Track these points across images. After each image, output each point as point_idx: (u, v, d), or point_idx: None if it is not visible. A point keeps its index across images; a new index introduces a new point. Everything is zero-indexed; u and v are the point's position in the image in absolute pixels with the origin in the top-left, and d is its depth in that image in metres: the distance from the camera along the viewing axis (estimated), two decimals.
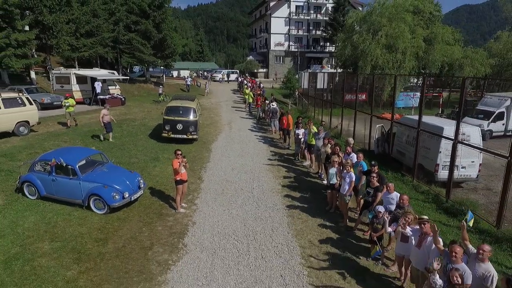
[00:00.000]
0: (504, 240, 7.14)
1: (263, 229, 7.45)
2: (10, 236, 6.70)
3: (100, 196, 7.42)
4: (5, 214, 7.48)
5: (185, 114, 13.19)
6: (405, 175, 11.15)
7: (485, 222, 7.90)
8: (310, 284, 5.72)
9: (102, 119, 12.69)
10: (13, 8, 18.59)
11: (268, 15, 51.12)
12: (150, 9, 27.05)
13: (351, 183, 7.21)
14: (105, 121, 12.73)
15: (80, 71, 20.64)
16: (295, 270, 6.07)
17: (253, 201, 8.77)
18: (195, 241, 6.89)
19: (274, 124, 15.82)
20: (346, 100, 16.94)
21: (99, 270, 5.90)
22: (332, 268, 6.14)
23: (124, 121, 17.26)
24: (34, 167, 8.08)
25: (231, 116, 21.11)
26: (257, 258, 6.42)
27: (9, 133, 12.24)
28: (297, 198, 9.00)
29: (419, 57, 26.39)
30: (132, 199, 7.91)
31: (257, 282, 5.73)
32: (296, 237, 7.12)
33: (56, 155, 7.83)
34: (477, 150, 9.77)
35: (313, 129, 10.70)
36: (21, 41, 19.32)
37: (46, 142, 12.02)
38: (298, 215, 8.09)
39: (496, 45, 29.32)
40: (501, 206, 7.48)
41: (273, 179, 10.33)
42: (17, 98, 12.35)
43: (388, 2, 25.66)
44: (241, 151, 13.16)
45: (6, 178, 8.91)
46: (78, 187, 7.64)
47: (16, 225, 7.11)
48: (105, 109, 12.92)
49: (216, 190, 9.40)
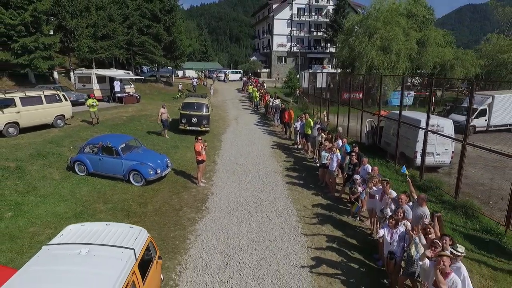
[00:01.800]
0: (459, 207, 9.02)
1: (267, 198, 9.39)
2: (73, 200, 8.68)
3: (138, 171, 9.40)
4: (64, 186, 9.47)
5: (199, 109, 15.16)
6: (389, 161, 13.01)
7: (447, 195, 9.79)
8: (302, 233, 7.63)
9: (160, 116, 14.46)
10: (41, 15, 20.62)
11: (270, 17, 53.00)
12: (161, 13, 29.09)
13: (337, 161, 9.13)
14: (163, 118, 14.49)
15: (100, 71, 22.65)
16: (292, 225, 8.00)
17: (259, 179, 10.72)
18: (214, 205, 8.84)
19: (276, 118, 17.74)
20: (343, 99, 18.80)
21: (144, 222, 7.86)
22: (320, 223, 8.07)
23: (141, 116, 19.22)
24: (84, 150, 10.07)
25: (237, 113, 23.05)
26: (263, 217, 8.36)
27: (49, 125, 14.24)
28: (295, 177, 10.96)
29: (413, 58, 28.09)
30: (163, 175, 9.89)
31: (263, 232, 7.67)
32: (293, 203, 9.06)
33: (103, 139, 9.82)
34: (448, 138, 11.61)
35: (310, 121, 12.62)
36: (47, 44, 21.34)
37: (81, 133, 14.02)
38: (295, 188, 10.04)
39: (486, 47, 31.09)
40: (458, 180, 9.35)
41: (275, 162, 12.29)
42: (56, 95, 14.36)
43: (383, 7, 27.34)
44: (248, 141, 15.12)
45: (58, 160, 10.90)
46: (120, 165, 9.62)
47: (74, 193, 9.10)
48: (163, 108, 14.62)
49: (228, 171, 11.35)
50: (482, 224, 8.17)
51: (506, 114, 21.09)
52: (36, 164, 10.23)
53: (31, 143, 11.94)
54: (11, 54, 20.44)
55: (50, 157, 10.89)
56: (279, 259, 6.57)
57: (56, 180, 9.79)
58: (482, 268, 6.38)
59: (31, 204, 8.34)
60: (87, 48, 24.76)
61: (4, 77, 21.98)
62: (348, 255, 6.76)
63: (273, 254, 6.72)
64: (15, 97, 12.54)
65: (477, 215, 8.48)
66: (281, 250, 6.86)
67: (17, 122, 12.66)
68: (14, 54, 20.29)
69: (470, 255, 6.68)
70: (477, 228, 8.02)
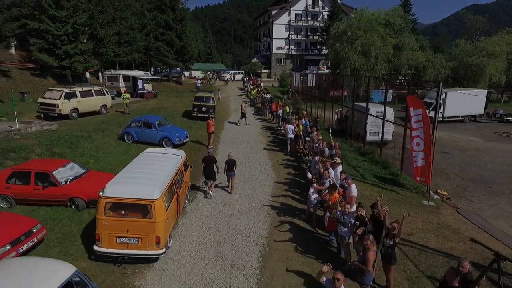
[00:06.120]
0: (380, 162, 13.71)
1: (254, 156, 14.23)
2: (127, 155, 13.51)
3: (169, 138, 14.27)
4: (119, 148, 14.38)
5: (207, 101, 20.04)
6: (348, 139, 17.70)
7: (376, 156, 14.48)
8: (273, 173, 12.39)
9: (242, 109, 19.70)
10: (79, 27, 25.66)
11: (270, 22, 57.83)
12: (173, 22, 34.08)
13: (293, 132, 13.93)
14: (243, 111, 19.73)
15: (125, 72, 27.63)
16: (267, 169, 12.80)
17: (250, 147, 15.56)
18: (220, 158, 13.66)
19: (268, 110, 22.58)
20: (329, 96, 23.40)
21: None
22: (286, 168, 12.86)
23: (161, 108, 24.11)
24: (131, 125, 14.96)
25: (237, 106, 27.81)
26: (250, 165, 13.16)
27: (96, 112, 19.18)
28: (273, 145, 15.87)
29: (390, 61, 32.63)
30: (184, 142, 14.76)
31: (249, 171, 12.45)
32: (269, 158, 13.91)
33: (144, 118, 14.71)
34: (389, 122, 16.20)
35: (287, 109, 17.43)
36: (83, 50, 26.37)
37: (120, 118, 18.92)
38: (272, 151, 14.92)
39: (455, 51, 35.62)
40: (402, 157, 13.78)
41: (262, 138, 17.19)
42: (101, 89, 19.31)
43: (364, 18, 31.88)
44: (244, 125, 19.96)
45: (111, 133, 15.79)
46: (156, 135, 14.49)
47: (127, 151, 13.98)
48: (244, 103, 19.67)
49: (228, 142, 16.20)
50: (390, 170, 12.87)
51: (457, 107, 25.70)
52: (98, 135, 15.15)
53: (90, 123, 16.89)
54: (55, 58, 25.48)
55: (106, 131, 15.82)
56: (257, 183, 11.37)
57: (113, 145, 14.70)
58: (384, 191, 11.08)
59: (102, 156, 13.25)
60: (112, 53, 29.82)
61: (49, 77, 27.02)
62: (297, 181, 11.54)
63: (254, 179, 11.55)
64: (76, 91, 17.50)
65: (390, 166, 13.17)
66: (259, 180, 11.66)
67: (77, 108, 17.63)
68: (58, 58, 25.32)
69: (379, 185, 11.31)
70: (387, 172, 12.72)
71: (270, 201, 9.99)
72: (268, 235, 8.12)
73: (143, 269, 6.78)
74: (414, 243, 7.81)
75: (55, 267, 4.33)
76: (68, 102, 17.02)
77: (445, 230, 8.53)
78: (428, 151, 10.01)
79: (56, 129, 14.92)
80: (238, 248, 7.56)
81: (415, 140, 10.32)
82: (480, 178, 13.15)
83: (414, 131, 10.36)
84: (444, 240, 7.99)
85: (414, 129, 10.36)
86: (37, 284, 3.88)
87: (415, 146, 10.33)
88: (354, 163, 13.60)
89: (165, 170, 7.82)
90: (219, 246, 7.61)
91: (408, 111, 10.74)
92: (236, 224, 8.61)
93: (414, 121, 10.36)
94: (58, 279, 4.06)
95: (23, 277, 3.94)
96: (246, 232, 8.24)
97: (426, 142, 10.03)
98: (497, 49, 32.69)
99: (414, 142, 10.36)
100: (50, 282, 3.98)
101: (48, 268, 4.16)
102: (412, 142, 10.40)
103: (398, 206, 9.57)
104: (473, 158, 15.93)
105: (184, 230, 8.28)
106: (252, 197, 10.26)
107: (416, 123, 10.30)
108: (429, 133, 10.04)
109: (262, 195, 10.43)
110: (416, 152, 10.32)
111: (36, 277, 3.97)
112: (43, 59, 24.84)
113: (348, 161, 13.56)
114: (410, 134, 10.56)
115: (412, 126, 10.44)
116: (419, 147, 10.24)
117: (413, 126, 10.42)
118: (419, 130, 10.21)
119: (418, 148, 10.28)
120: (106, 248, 6.67)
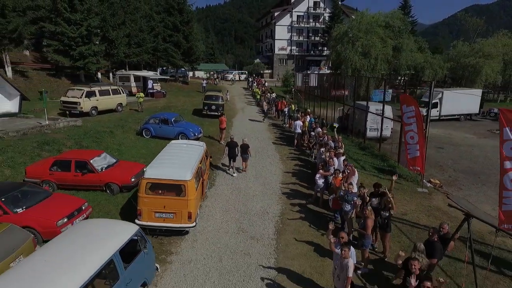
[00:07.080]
0: (379, 155, 14.94)
1: (262, 149, 15.47)
2: (147, 149, 14.78)
3: (185, 134, 15.51)
4: (138, 142, 15.62)
5: (216, 99, 21.28)
6: (349, 135, 18.92)
7: (375, 150, 15.70)
8: (281, 164, 13.62)
9: (264, 107, 21.18)
10: (93, 29, 26.89)
11: (273, 23, 59.08)
12: (181, 25, 35.32)
13: (301, 128, 15.15)
14: (265, 109, 21.29)
15: (136, 72, 28.86)
16: (275, 160, 14.05)
17: (258, 142, 16.80)
18: None
19: (273, 109, 23.80)
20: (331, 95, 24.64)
21: None
22: (293, 160, 14.09)
23: (171, 107, 25.34)
24: (149, 121, 16.20)
25: (243, 105, 29.15)
26: (260, 158, 14.39)
27: (113, 110, 20.43)
28: (280, 140, 17.09)
29: (389, 62, 33.82)
30: (198, 137, 16.00)
31: (260, 163, 13.67)
32: (277, 152, 15.14)
33: (161, 115, 15.95)
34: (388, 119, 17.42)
35: (292, 107, 18.66)
36: (96, 51, 27.60)
37: (135, 115, 20.16)
38: (279, 146, 16.14)
39: (452, 52, 36.83)
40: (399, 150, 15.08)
41: (269, 134, 18.43)
42: (117, 89, 20.56)
43: (364, 20, 33.08)
44: (251, 122, 21.19)
45: (129, 129, 17.02)
46: (173, 130, 15.73)
47: (146, 146, 15.22)
48: (264, 101, 21.19)
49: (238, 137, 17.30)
50: (388, 162, 14.09)
51: (453, 106, 26.89)
52: (119, 130, 16.39)
53: (109, 120, 18.13)
54: (69, 59, 26.70)
55: (125, 127, 17.07)
56: (268, 173, 12.60)
57: (132, 140, 15.94)
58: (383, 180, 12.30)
59: (125, 150, 14.48)
60: (123, 54, 31.06)
61: (63, 77, 28.27)
62: (303, 171, 12.77)
63: (265, 170, 12.79)
64: (96, 90, 18.75)
65: (388, 159, 14.39)
66: (269, 170, 12.89)
67: (97, 106, 18.87)
68: (72, 59, 26.55)
69: (378, 175, 12.52)
70: (385, 164, 13.93)
71: (280, 187, 11.23)
72: (281, 214, 9.36)
73: (176, 240, 8.02)
74: (408, 221, 9.05)
75: (125, 225, 5.58)
76: (88, 100, 18.26)
77: (435, 211, 9.76)
78: (421, 144, 11.22)
79: (81, 125, 16.16)
80: (256, 224, 8.79)
81: (409, 134, 11.51)
82: (470, 169, 14.36)
83: (407, 126, 11.55)
84: (434, 219, 9.21)
85: (407, 124, 11.55)
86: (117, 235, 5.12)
87: (409, 139, 11.52)
88: (355, 156, 14.80)
89: (192, 158, 9.06)
90: (239, 223, 8.84)
91: (401, 108, 11.93)
92: (252, 206, 9.85)
93: (407, 117, 11.55)
94: (128, 233, 5.30)
95: (103, 231, 5.18)
96: (261, 212, 9.47)
97: (419, 135, 11.23)
98: (493, 50, 33.86)
99: (408, 136, 11.55)
100: (124, 235, 5.22)
101: (120, 225, 5.39)
102: (406, 136, 11.60)
103: (395, 193, 10.75)
104: (466, 153, 17.13)
105: (207, 211, 9.51)
106: (265, 184, 11.50)
107: (409, 118, 11.49)
108: (422, 128, 11.24)
109: (273, 182, 11.67)
110: (409, 144, 11.51)
111: (113, 231, 5.21)
112: (59, 60, 26.08)
113: (350, 154, 14.76)
114: (404, 128, 11.77)
115: (405, 121, 11.64)
116: (413, 140, 11.43)
117: (405, 122, 11.62)
118: (413, 125, 11.39)
119: (412, 141, 11.46)
120: (146, 221, 7.90)
